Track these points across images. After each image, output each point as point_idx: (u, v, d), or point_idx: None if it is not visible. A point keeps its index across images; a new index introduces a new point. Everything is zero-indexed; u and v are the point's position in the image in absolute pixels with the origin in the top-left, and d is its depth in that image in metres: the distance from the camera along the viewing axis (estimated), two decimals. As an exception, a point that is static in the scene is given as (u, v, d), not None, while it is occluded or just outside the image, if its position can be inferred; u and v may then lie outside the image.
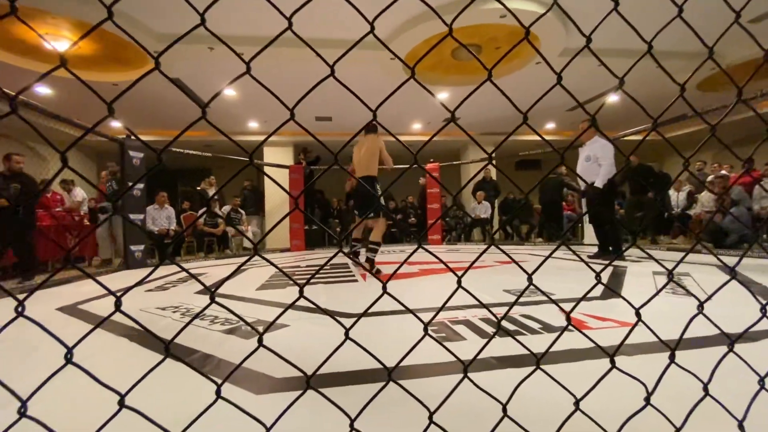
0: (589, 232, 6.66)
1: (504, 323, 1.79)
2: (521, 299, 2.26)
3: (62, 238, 5.24)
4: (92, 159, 10.00)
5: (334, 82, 0.59)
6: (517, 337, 1.59)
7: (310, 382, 0.54)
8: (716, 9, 3.90)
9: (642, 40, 0.63)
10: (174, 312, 2.26)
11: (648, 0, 3.28)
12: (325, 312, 0.57)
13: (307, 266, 4.66)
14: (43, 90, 6.57)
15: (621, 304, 2.16)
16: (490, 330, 1.71)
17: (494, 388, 0.76)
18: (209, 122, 0.52)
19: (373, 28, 0.50)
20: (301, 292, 0.52)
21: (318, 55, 0.55)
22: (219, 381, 0.51)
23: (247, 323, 0.54)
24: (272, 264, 0.55)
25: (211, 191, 7.25)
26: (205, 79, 6.08)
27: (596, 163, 4.02)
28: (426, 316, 1.91)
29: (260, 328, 1.82)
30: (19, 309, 0.39)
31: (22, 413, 0.41)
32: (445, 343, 1.53)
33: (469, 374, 0.62)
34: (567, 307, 2.07)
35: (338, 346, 0.56)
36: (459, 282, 0.56)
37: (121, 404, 0.42)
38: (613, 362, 0.61)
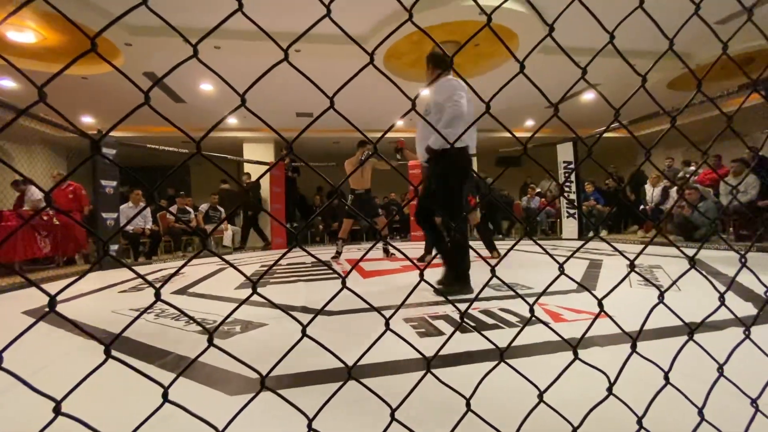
0: (569, 227, 6.82)
1: (482, 317, 1.81)
2: (501, 293, 2.29)
3: (31, 238, 5.03)
4: (62, 156, 9.61)
5: (315, 77, 0.57)
6: (496, 331, 1.61)
7: (266, 382, 0.52)
8: (684, 7, 4.01)
9: (605, 30, 0.64)
10: (148, 313, 2.20)
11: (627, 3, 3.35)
12: (277, 307, 0.56)
13: (287, 264, 4.60)
14: (7, 84, 6.27)
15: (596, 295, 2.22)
16: (469, 324, 1.72)
17: (465, 383, 0.77)
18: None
19: (329, 12, 0.48)
20: (254, 288, 0.51)
21: (271, 38, 0.54)
22: (166, 384, 0.49)
23: (197, 322, 0.53)
24: (222, 258, 0.53)
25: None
26: (180, 73, 5.91)
27: (436, 116, 2.35)
28: (404, 312, 1.92)
29: (238, 328, 1.78)
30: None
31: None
32: (425, 339, 1.54)
33: (441, 369, 0.62)
34: (544, 299, 2.11)
35: (295, 343, 0.55)
36: (421, 275, 0.55)
37: (57, 411, 0.40)
38: (575, 354, 0.62)
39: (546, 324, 0.64)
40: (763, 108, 5.69)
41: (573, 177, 6.59)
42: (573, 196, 6.60)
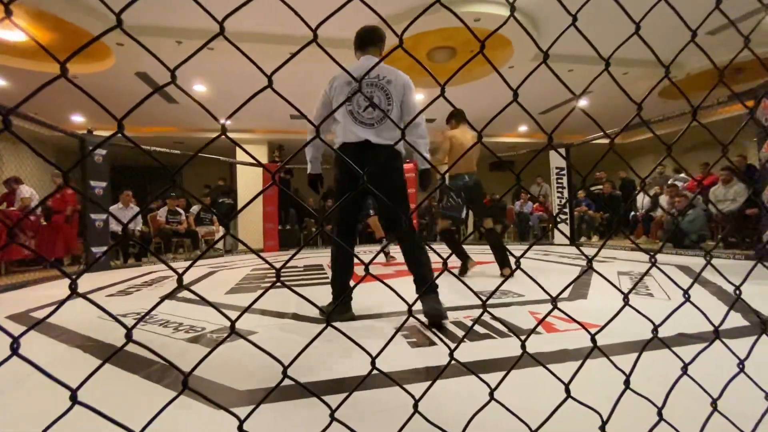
0: (560, 232, 6.86)
1: (475, 327, 1.79)
2: (492, 301, 2.28)
3: (16, 239, 4.92)
4: (51, 156, 9.47)
5: (310, 80, 0.56)
6: (489, 341, 1.60)
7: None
8: (676, 20, 4.07)
9: (600, 57, 0.63)
10: (135, 319, 2.15)
11: (614, 10, 3.38)
12: (208, 302, 0.54)
13: (280, 267, 4.56)
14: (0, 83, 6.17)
15: (588, 305, 2.22)
16: (460, 334, 1.71)
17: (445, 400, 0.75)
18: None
19: (316, 37, 0.47)
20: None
21: (255, 64, 0.52)
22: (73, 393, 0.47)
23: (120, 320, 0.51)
24: (168, 265, 0.51)
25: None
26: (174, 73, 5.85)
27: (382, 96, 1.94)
28: (393, 320, 1.91)
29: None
30: None
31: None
32: (417, 349, 1.52)
33: (438, 381, 0.61)
34: (536, 308, 2.11)
35: (215, 346, 0.53)
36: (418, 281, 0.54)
37: (74, 399, 0.38)
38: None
39: (520, 336, 0.63)
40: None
41: (565, 183, 6.64)
42: (565, 202, 6.64)
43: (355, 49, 2.14)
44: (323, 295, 2.76)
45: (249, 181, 8.64)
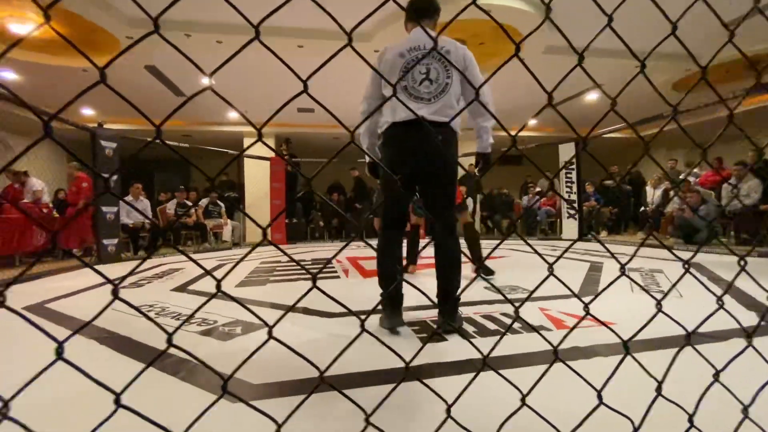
0: (569, 227, 6.81)
1: (484, 322, 1.80)
2: (499, 296, 2.28)
3: (29, 231, 5.01)
4: (62, 149, 9.57)
5: (318, 73, 0.56)
6: (497, 337, 1.59)
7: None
8: (697, 13, 3.98)
9: (635, 57, 0.62)
10: (149, 311, 2.19)
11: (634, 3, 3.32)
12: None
13: (287, 261, 4.59)
14: (9, 75, 6.22)
15: (597, 302, 2.21)
16: (471, 329, 1.71)
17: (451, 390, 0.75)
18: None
19: None
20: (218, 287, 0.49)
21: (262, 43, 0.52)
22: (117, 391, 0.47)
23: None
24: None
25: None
26: (181, 67, 5.86)
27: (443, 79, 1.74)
28: (405, 315, 1.91)
29: (239, 329, 1.78)
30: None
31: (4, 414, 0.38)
32: (433, 343, 1.52)
33: (453, 376, 0.61)
34: (546, 304, 2.10)
35: (261, 344, 0.53)
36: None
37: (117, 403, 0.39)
38: (559, 356, 0.61)
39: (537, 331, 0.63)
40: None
41: (574, 177, 6.57)
42: (574, 197, 6.58)
43: (406, 21, 1.89)
44: (335, 289, 2.78)
45: (257, 174, 8.68)
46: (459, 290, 1.72)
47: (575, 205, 6.54)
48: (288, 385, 1.21)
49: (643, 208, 6.99)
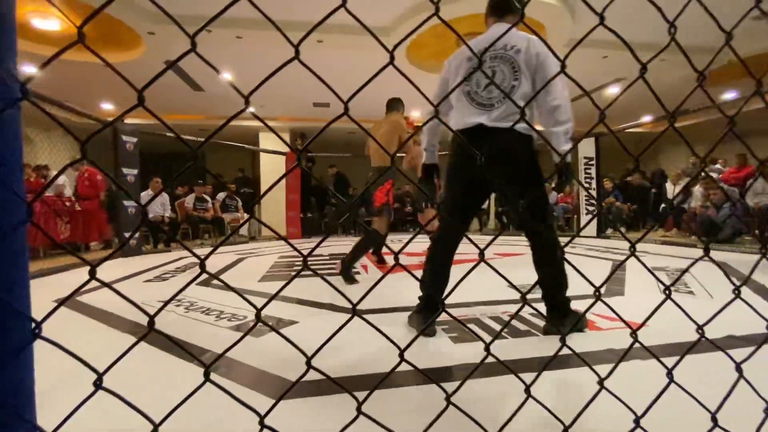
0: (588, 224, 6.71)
1: (515, 323, 1.78)
2: (530, 296, 2.25)
3: (53, 223, 5.13)
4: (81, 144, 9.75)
5: (330, 66, 0.55)
6: (529, 338, 1.58)
7: (361, 408, 0.52)
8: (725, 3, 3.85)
9: (685, 55, 0.60)
10: (177, 306, 2.22)
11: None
12: (381, 332, 0.54)
13: (306, 255, 4.62)
14: (32, 71, 6.33)
15: (626, 302, 2.18)
16: (505, 331, 1.70)
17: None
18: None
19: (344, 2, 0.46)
20: (354, 310, 0.49)
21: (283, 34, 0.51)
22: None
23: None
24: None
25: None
26: (200, 62, 5.88)
27: (519, 77, 1.62)
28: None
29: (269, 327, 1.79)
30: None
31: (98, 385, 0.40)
32: (460, 344, 1.52)
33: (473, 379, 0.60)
34: (578, 306, 2.08)
35: (393, 368, 0.53)
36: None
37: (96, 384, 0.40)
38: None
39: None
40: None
41: (594, 173, 6.46)
42: (593, 193, 6.47)
43: (486, 16, 1.76)
44: (355, 285, 2.79)
45: (272, 169, 8.73)
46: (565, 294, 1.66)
47: (593, 201, 6.44)
48: (325, 384, 1.22)
49: (663, 205, 6.85)
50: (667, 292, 0.67)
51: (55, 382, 1.15)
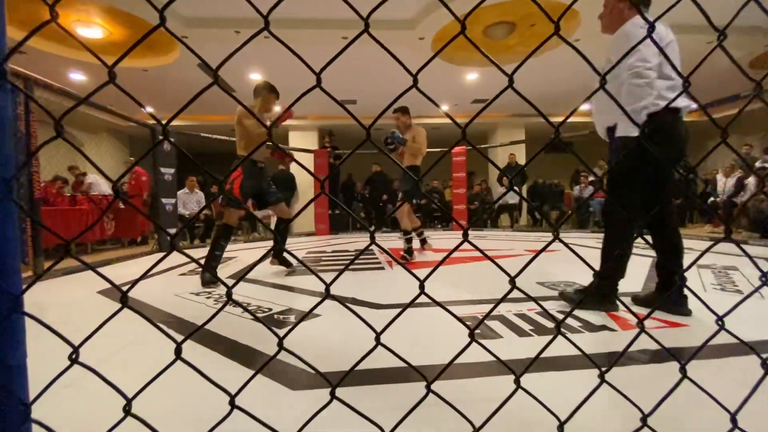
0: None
1: (541, 321, 1.72)
2: (550, 293, 2.17)
3: (99, 221, 5.46)
4: (125, 144, 10.32)
5: (359, 63, 0.54)
6: (560, 337, 1.51)
7: (335, 392, 0.51)
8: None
9: (714, 28, 0.54)
10: (207, 298, 2.30)
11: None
12: (356, 315, 0.53)
13: (333, 251, 4.67)
14: (77, 77, 6.75)
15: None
16: (526, 327, 1.64)
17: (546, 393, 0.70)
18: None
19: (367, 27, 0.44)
20: (327, 290, 0.49)
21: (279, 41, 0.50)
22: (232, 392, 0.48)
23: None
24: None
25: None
26: (230, 63, 6.06)
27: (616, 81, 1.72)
28: (457, 310, 1.87)
29: (292, 318, 1.82)
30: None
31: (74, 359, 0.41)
32: (482, 341, 1.48)
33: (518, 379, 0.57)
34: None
35: (368, 351, 0.52)
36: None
37: (127, 411, 0.40)
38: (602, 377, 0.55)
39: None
40: None
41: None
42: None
43: (628, 6, 1.79)
44: (379, 280, 2.79)
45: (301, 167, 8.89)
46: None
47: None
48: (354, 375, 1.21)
49: (711, 199, 6.41)
50: (682, 279, 0.61)
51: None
